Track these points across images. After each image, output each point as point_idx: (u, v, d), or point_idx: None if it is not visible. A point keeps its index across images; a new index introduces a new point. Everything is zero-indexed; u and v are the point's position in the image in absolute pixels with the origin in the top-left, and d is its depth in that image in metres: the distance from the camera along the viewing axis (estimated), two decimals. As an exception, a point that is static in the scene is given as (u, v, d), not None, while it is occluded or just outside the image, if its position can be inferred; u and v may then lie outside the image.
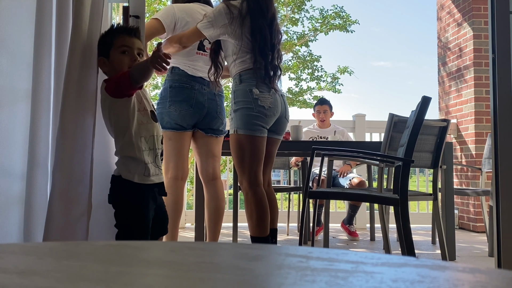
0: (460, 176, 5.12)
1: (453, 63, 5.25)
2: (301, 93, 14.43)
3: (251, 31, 2.35)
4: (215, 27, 2.34)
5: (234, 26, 2.33)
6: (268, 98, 2.32)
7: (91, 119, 1.75)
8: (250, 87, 2.31)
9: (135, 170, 1.71)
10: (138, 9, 2.08)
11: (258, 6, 2.38)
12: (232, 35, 2.35)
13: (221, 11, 2.35)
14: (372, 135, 5.18)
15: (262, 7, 2.39)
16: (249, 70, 2.35)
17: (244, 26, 2.35)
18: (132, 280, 0.46)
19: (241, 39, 2.35)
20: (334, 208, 5.25)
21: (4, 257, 0.54)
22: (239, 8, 2.36)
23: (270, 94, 2.33)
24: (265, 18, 2.39)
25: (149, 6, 10.23)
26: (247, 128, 2.31)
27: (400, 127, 3.07)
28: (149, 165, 1.74)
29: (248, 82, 2.33)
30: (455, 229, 3.17)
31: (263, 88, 2.32)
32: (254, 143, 2.32)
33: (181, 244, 0.67)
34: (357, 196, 2.78)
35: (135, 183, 1.70)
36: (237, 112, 2.34)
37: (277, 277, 0.47)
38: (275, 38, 2.42)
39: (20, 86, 1.88)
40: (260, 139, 2.34)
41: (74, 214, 1.69)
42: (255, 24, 2.35)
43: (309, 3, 14.05)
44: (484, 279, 0.50)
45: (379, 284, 0.45)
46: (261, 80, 2.33)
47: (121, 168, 1.72)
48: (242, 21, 2.34)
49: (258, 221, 2.32)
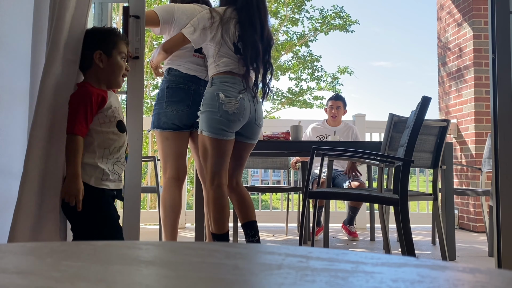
0: (460, 176, 5.12)
1: (453, 63, 5.26)
2: (301, 93, 14.44)
3: (239, 35, 2.42)
4: (196, 30, 2.42)
5: (214, 30, 2.41)
6: (234, 103, 2.37)
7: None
8: (218, 91, 2.37)
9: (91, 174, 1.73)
10: (138, 9, 2.07)
11: (250, 15, 2.45)
12: (212, 39, 2.42)
13: (204, 16, 2.44)
14: (372, 135, 5.18)
15: (255, 16, 2.46)
16: (222, 74, 2.41)
17: (226, 30, 2.42)
18: (132, 280, 0.46)
19: (219, 44, 2.41)
20: (334, 208, 5.26)
21: (4, 257, 0.54)
22: (221, 12, 2.44)
23: (238, 99, 2.38)
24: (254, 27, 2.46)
25: (149, 6, 10.24)
26: (211, 131, 2.37)
27: (400, 127, 3.07)
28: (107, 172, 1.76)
29: (217, 86, 2.39)
30: (455, 229, 3.16)
31: (230, 93, 2.37)
32: (217, 145, 2.39)
33: (181, 244, 0.67)
34: (357, 196, 2.78)
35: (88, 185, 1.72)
36: (203, 114, 2.40)
37: (277, 277, 0.47)
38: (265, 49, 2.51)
39: (18, 86, 1.88)
40: (224, 142, 2.39)
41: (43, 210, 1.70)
42: (244, 30, 2.43)
43: (309, 3, 14.06)
44: (484, 279, 0.50)
45: (379, 284, 0.45)
46: (231, 86, 2.39)
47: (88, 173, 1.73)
48: (223, 25, 2.42)
49: (216, 219, 2.41)
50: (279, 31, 14.13)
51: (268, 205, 6.91)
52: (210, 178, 2.42)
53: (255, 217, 2.55)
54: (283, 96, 14.58)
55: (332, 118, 4.23)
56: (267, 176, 16.16)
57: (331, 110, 4.23)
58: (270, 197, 5.60)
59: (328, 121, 4.28)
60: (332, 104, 4.24)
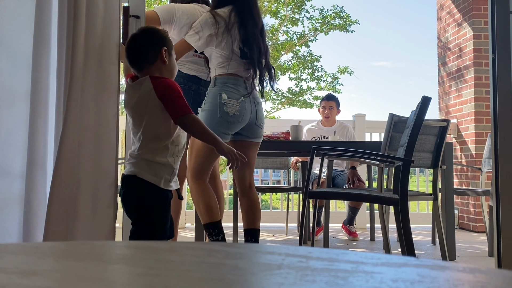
0: (460, 176, 5.12)
1: (453, 63, 5.26)
2: (301, 93, 14.45)
3: (243, 40, 2.40)
4: (202, 38, 2.37)
5: (220, 36, 2.37)
6: (235, 105, 2.36)
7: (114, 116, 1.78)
8: (221, 91, 2.36)
9: (162, 175, 1.72)
10: (138, 9, 2.08)
11: (251, 15, 2.43)
12: (218, 45, 2.39)
13: (208, 21, 2.38)
14: (372, 135, 5.18)
15: (254, 16, 2.45)
16: (226, 76, 2.39)
17: (231, 35, 2.39)
18: (132, 280, 0.46)
19: (226, 49, 2.39)
20: (334, 208, 5.26)
21: (4, 257, 0.54)
22: (226, 18, 2.40)
23: (239, 101, 2.37)
24: (257, 27, 2.45)
25: (149, 6, 10.25)
26: None
27: (400, 127, 3.07)
28: (175, 171, 1.78)
29: (220, 87, 2.37)
30: (455, 229, 3.16)
31: (233, 95, 2.36)
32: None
33: (181, 244, 0.67)
34: (357, 196, 2.78)
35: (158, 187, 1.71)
36: (203, 112, 2.38)
37: (277, 277, 0.47)
38: (266, 47, 2.49)
39: (19, 86, 1.88)
40: None
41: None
42: (247, 33, 2.41)
43: (309, 3, 14.08)
44: (484, 279, 0.50)
45: (379, 284, 0.45)
46: (234, 88, 2.38)
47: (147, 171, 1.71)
48: (229, 31, 2.38)
49: (207, 208, 2.37)
50: (279, 31, 14.13)
51: (268, 205, 6.91)
52: (196, 174, 2.40)
53: (259, 226, 2.53)
54: (283, 96, 14.58)
55: (326, 118, 4.24)
56: (267, 176, 16.16)
57: (324, 111, 4.24)
58: (270, 197, 5.60)
59: (322, 122, 4.30)
60: (325, 105, 4.25)
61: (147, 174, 1.69)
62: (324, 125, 4.28)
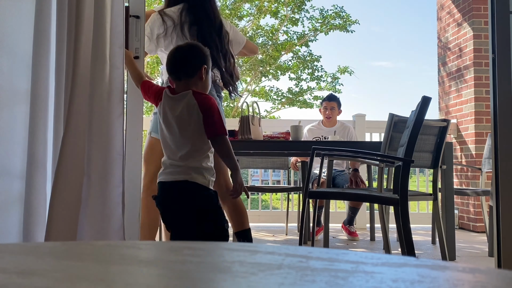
0: (460, 176, 5.12)
1: (453, 63, 5.25)
2: (301, 93, 14.45)
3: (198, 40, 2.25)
4: (151, 40, 2.27)
5: (169, 36, 2.26)
6: None
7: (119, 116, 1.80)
8: None
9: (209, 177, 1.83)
10: (138, 9, 2.08)
11: (205, 14, 2.32)
12: (168, 47, 2.26)
13: (155, 22, 2.27)
14: (372, 135, 5.18)
15: (210, 15, 2.33)
16: None
17: (184, 35, 2.27)
18: (132, 280, 0.46)
19: None
20: (334, 208, 5.25)
21: (4, 257, 0.54)
22: (175, 17, 2.28)
23: None
24: (213, 27, 2.33)
25: (149, 6, 10.25)
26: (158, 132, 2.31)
27: (400, 127, 3.07)
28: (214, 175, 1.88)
29: None
30: (455, 229, 3.16)
31: None
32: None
33: (181, 244, 0.67)
34: (357, 196, 2.78)
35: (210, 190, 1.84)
36: (154, 115, 2.30)
37: (277, 277, 0.47)
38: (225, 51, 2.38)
39: (19, 86, 1.88)
40: None
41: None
42: (203, 33, 2.29)
43: (309, 3, 14.08)
44: (484, 279, 0.50)
45: (379, 284, 0.45)
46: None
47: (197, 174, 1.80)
48: (180, 30, 2.26)
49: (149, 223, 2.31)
50: (279, 31, 14.13)
51: (268, 205, 6.91)
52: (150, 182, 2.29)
53: (248, 225, 2.43)
54: (283, 96, 14.59)
55: (327, 119, 4.25)
56: (267, 176, 16.17)
57: (325, 111, 4.24)
58: (270, 197, 5.60)
59: (323, 122, 4.30)
60: (326, 105, 4.25)
61: (198, 177, 1.79)
62: (325, 125, 4.28)
